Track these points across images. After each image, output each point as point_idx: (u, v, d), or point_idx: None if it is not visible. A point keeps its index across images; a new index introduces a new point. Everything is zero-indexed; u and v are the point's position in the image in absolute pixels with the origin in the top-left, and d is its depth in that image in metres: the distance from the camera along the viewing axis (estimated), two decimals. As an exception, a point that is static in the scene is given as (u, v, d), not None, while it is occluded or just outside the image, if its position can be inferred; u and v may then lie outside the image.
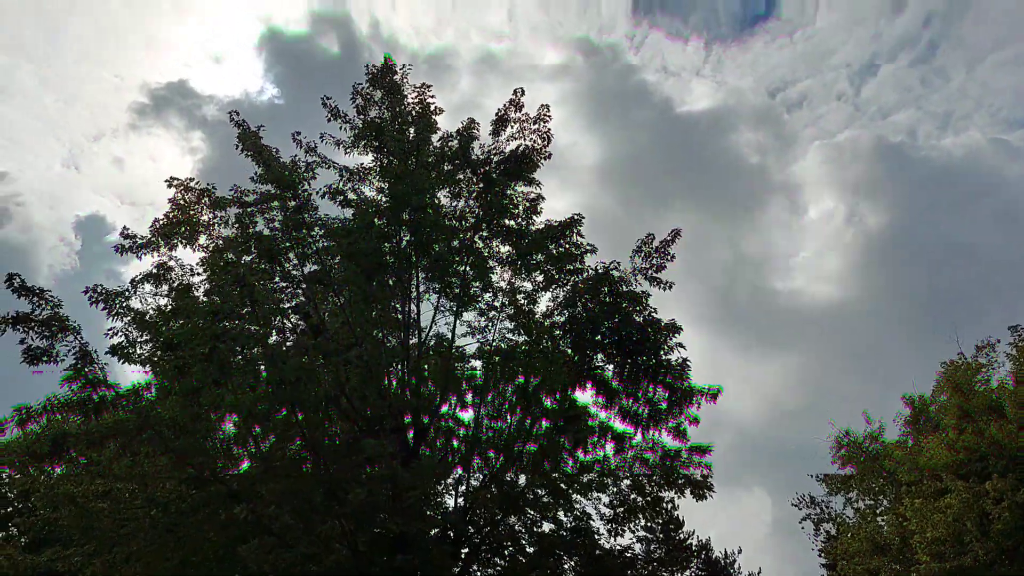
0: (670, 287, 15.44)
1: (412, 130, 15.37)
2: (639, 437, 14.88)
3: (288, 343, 13.41)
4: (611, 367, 15.21)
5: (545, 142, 15.42)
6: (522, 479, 15.44)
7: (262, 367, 12.38)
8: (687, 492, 15.77)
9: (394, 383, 14.75)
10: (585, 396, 15.30)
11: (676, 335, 14.60)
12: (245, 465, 14.66)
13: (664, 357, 14.47)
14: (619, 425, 15.24)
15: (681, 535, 31.63)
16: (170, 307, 13.44)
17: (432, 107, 15.47)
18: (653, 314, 15.02)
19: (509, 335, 15.45)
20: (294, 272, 13.89)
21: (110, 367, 12.69)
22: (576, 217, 15.08)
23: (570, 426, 14.23)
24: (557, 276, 15.23)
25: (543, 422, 15.11)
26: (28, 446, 20.44)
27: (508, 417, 15.46)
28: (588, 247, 15.05)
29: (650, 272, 15.32)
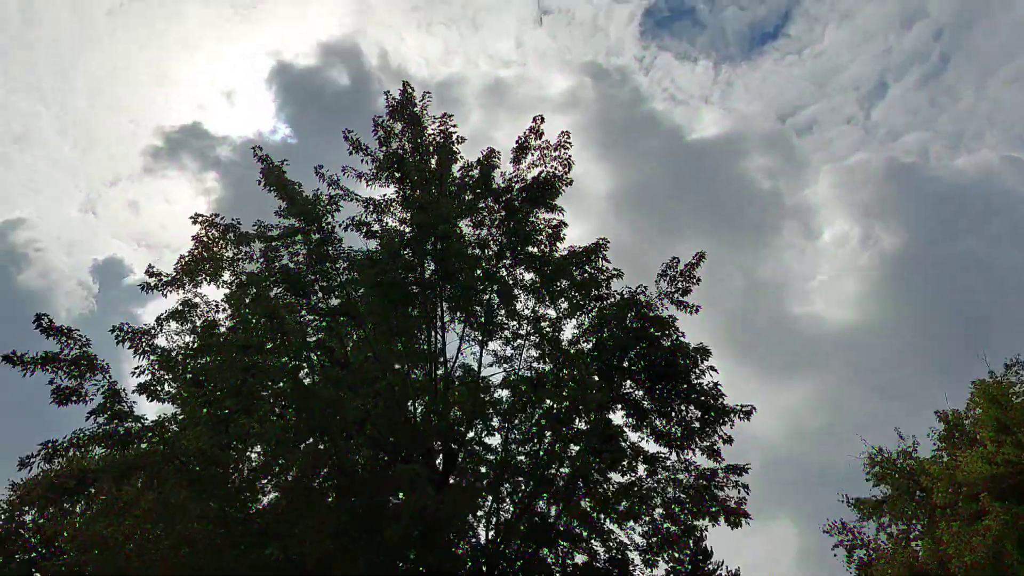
0: (696, 311, 15.36)
1: (434, 160, 15.49)
2: (673, 457, 14.63)
3: (316, 375, 13.39)
4: (640, 393, 15.11)
5: (566, 168, 15.50)
6: (553, 509, 15.25)
7: (290, 398, 12.36)
8: (721, 519, 15.48)
9: (419, 411, 14.72)
10: (616, 418, 15.17)
11: (706, 358, 14.47)
12: (271, 496, 14.61)
13: (696, 381, 14.34)
14: (652, 447, 15.08)
15: (710, 566, 31.04)
16: (196, 344, 13.47)
17: (454, 136, 15.60)
18: (681, 338, 14.94)
19: (535, 363, 15.40)
20: (320, 305, 13.90)
21: (138, 406, 12.75)
22: (601, 242, 15.10)
23: (604, 446, 14.04)
24: (582, 303, 15.18)
25: (572, 445, 14.95)
26: (52, 481, 20.48)
27: (537, 442, 15.33)
28: (614, 272, 15.03)
29: (676, 296, 15.27)
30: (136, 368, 13.17)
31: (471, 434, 15.63)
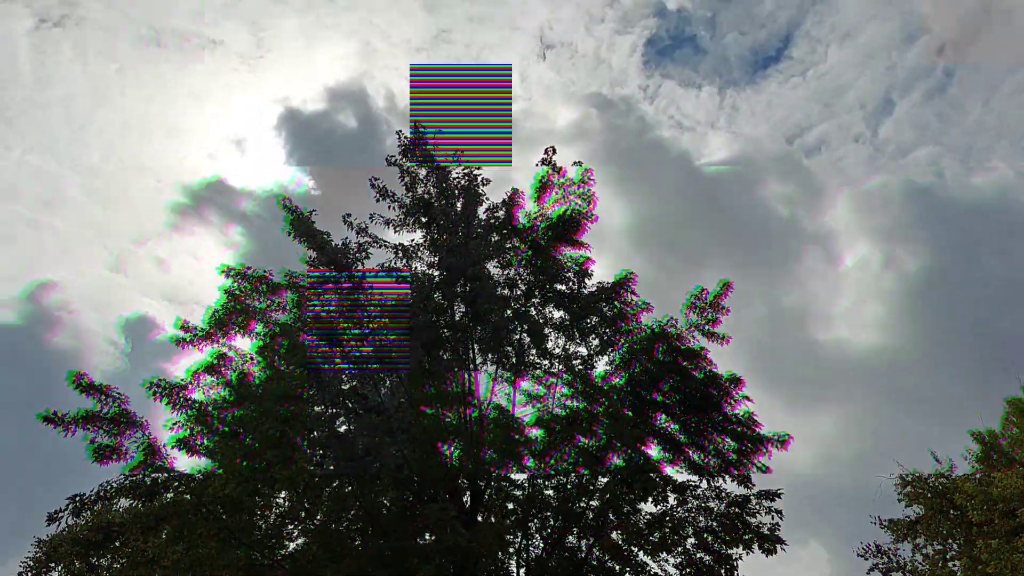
0: (727, 341, 15.40)
1: (459, 203, 15.66)
2: (704, 484, 14.61)
3: (351, 423, 13.46)
4: (674, 426, 15.10)
5: (590, 204, 15.64)
6: (584, 543, 15.17)
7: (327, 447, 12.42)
8: (755, 546, 15.38)
9: (452, 452, 14.73)
10: (650, 453, 15.14)
11: (739, 388, 14.49)
12: (298, 541, 14.60)
13: (730, 411, 14.34)
14: (683, 476, 15.06)
15: (743, 596, 30.59)
16: (230, 396, 13.57)
17: (479, 179, 15.78)
18: (712, 369, 14.96)
19: (568, 401, 15.41)
20: (353, 352, 13.99)
21: (176, 461, 12.83)
22: (628, 275, 15.19)
23: (637, 477, 14.02)
24: (613, 338, 15.24)
25: (601, 478, 14.91)
26: (78, 536, 20.39)
27: (567, 477, 15.30)
28: (641, 304, 15.11)
29: (705, 327, 15.31)
30: (172, 423, 13.26)
31: (500, 471, 15.62)
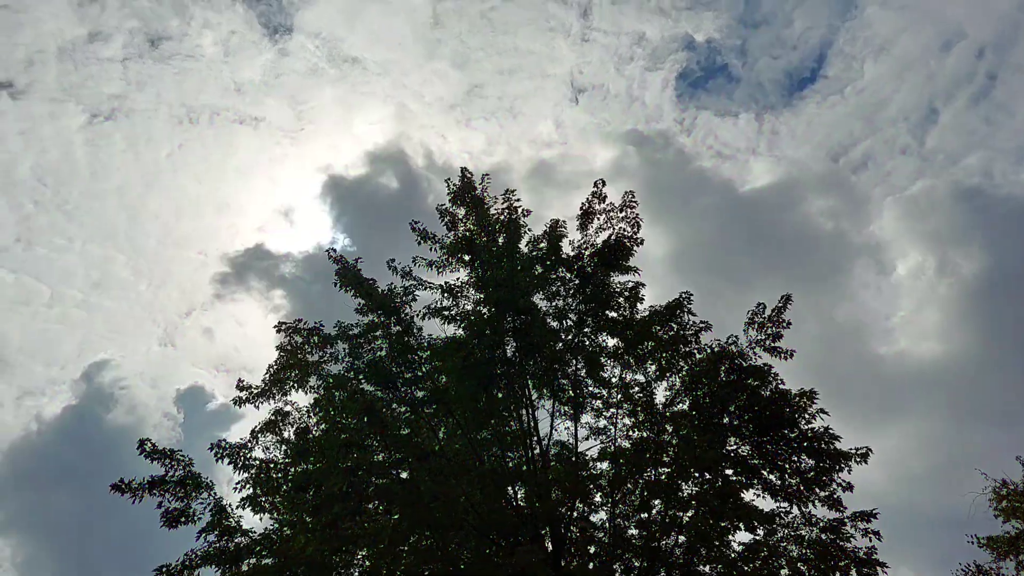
0: (791, 356, 15.09)
1: (501, 237, 15.81)
2: (795, 511, 14.06)
3: (413, 469, 13.44)
4: (746, 449, 14.72)
5: (635, 228, 15.63)
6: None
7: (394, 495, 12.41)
8: (853, 573, 14.73)
9: (520, 494, 14.58)
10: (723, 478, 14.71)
11: (813, 402, 14.10)
12: None
13: (806, 427, 13.94)
14: (765, 503, 14.55)
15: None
16: (292, 451, 13.73)
17: (519, 210, 15.93)
18: (781, 386, 14.62)
19: (632, 431, 15.20)
20: (408, 396, 14.08)
21: (244, 520, 12.98)
22: (683, 296, 15.05)
23: (723, 506, 13.60)
24: (672, 361, 15.03)
25: (684, 512, 14.52)
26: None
27: (643, 514, 14.95)
28: (702, 324, 14.91)
29: (768, 343, 15.04)
30: (237, 483, 13.46)
31: (575, 513, 15.37)
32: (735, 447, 14.79)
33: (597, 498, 15.54)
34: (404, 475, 13.54)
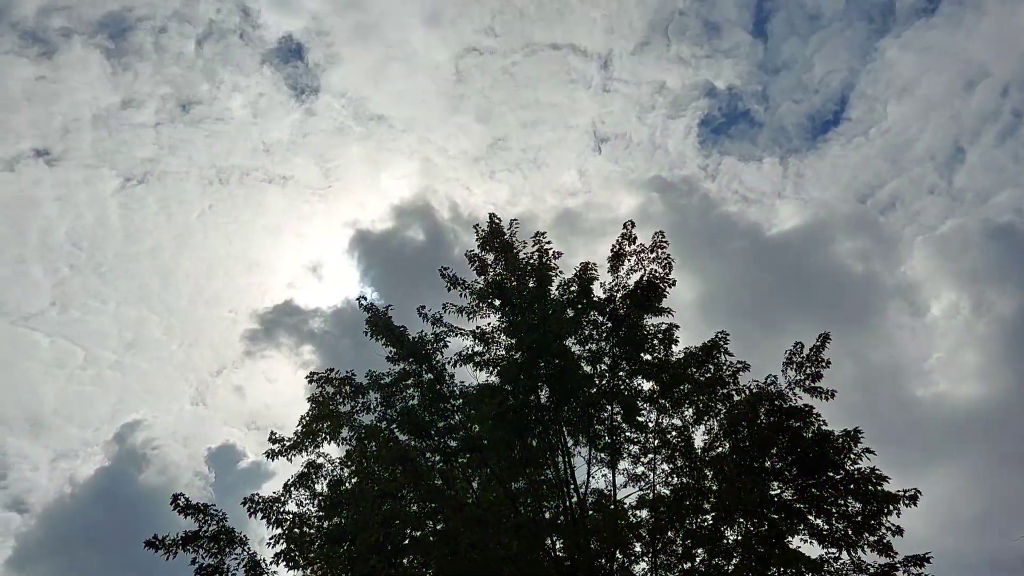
0: (832, 396, 14.85)
1: (532, 281, 15.86)
2: (844, 557, 13.64)
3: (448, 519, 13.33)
4: (790, 492, 14.40)
5: (667, 269, 15.62)
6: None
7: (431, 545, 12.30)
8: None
9: (558, 545, 14.36)
10: (766, 523, 14.35)
11: (858, 442, 13.80)
12: None
13: (852, 467, 13.62)
14: (812, 548, 14.13)
15: None
16: (326, 503, 13.70)
17: (550, 252, 16.01)
18: (823, 427, 14.35)
19: (671, 477, 14.96)
20: (442, 445, 14.03)
21: (278, 575, 12.92)
22: (720, 336, 14.95)
23: (771, 550, 13.24)
24: (709, 404, 14.85)
25: (727, 561, 14.15)
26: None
27: (686, 564, 14.60)
28: (739, 364, 14.76)
29: (807, 383, 14.83)
30: (271, 538, 13.43)
31: (614, 564, 15.07)
32: (778, 491, 14.50)
33: (637, 548, 15.26)
34: (439, 526, 13.43)
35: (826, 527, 14.01)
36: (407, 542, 11.91)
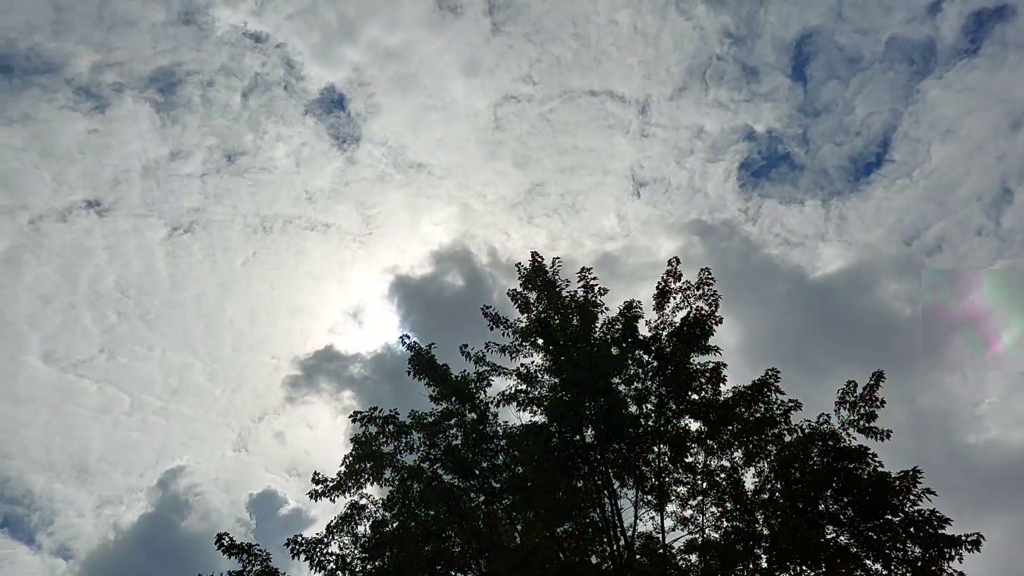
0: (888, 436, 14.57)
1: (575, 319, 15.87)
2: None
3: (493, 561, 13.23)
4: (845, 537, 14.04)
5: (713, 306, 15.55)
6: None
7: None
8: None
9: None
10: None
11: (916, 483, 13.45)
12: None
13: (911, 509, 13.26)
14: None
15: None
16: (369, 544, 13.68)
17: (596, 288, 16.03)
18: (879, 468, 14.03)
19: (720, 520, 14.69)
20: (487, 486, 13.98)
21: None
22: (770, 373, 14.78)
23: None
24: (760, 444, 14.62)
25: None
26: None
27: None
28: (791, 403, 14.55)
29: (861, 423, 14.56)
30: (314, 580, 13.41)
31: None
32: (834, 535, 14.15)
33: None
34: (484, 569, 13.32)
35: (885, 572, 13.63)
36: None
